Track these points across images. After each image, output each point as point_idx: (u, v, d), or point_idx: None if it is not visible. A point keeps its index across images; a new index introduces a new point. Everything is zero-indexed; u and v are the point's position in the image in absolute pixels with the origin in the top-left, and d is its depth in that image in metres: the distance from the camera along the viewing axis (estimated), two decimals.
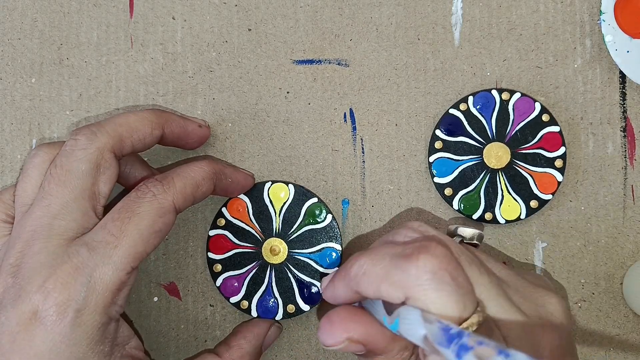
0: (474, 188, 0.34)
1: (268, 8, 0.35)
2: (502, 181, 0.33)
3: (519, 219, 0.33)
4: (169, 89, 0.34)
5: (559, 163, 0.33)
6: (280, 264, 0.33)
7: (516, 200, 0.33)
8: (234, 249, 0.33)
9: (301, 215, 0.33)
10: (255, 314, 0.33)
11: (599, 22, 0.34)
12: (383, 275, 0.24)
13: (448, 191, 0.34)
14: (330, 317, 0.26)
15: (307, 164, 0.34)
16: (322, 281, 0.30)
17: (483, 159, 0.34)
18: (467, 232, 0.30)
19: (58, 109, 0.34)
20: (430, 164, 0.34)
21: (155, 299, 0.34)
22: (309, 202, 0.33)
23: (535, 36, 0.34)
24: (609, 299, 0.34)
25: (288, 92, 0.35)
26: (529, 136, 0.33)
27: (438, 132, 0.34)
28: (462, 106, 0.34)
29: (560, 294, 0.34)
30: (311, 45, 0.35)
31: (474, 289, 0.24)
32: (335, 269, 0.31)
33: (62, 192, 0.26)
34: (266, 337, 0.32)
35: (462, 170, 0.34)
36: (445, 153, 0.34)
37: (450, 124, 0.34)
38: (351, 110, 0.35)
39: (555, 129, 0.33)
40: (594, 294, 0.34)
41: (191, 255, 0.34)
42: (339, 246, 0.33)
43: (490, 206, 0.33)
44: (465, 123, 0.34)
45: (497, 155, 0.34)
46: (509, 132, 0.34)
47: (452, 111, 0.34)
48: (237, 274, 0.33)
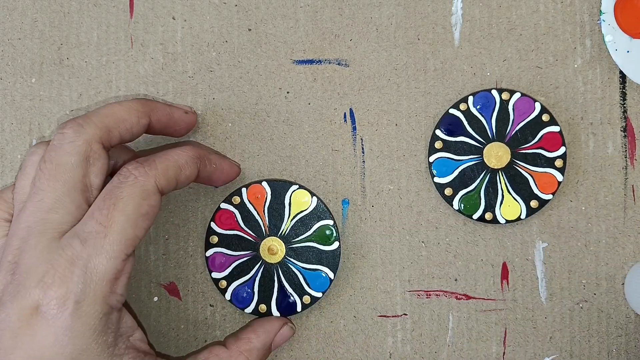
0: (474, 188, 0.33)
1: (268, 8, 0.35)
2: (502, 181, 0.33)
3: (519, 219, 0.33)
4: (169, 89, 0.34)
5: (559, 163, 0.33)
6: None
7: (516, 200, 0.33)
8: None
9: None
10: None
11: (599, 22, 0.34)
12: None
13: (448, 191, 0.33)
14: None
15: (307, 164, 0.34)
16: None
17: (483, 158, 0.34)
18: None
19: (58, 109, 0.34)
20: (430, 164, 0.34)
21: (155, 299, 0.34)
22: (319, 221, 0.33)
23: (535, 36, 0.34)
24: (610, 300, 0.34)
25: (288, 92, 0.35)
26: (529, 136, 0.33)
27: (438, 132, 0.34)
28: (462, 106, 0.34)
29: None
30: (311, 45, 0.35)
31: None
32: None
33: (53, 186, 0.26)
34: (277, 335, 0.32)
35: (462, 170, 0.34)
36: (445, 153, 0.34)
37: (450, 124, 0.34)
38: (351, 110, 0.35)
39: (556, 129, 0.33)
40: (595, 294, 0.34)
41: (191, 255, 0.34)
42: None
43: (490, 206, 0.33)
44: (465, 123, 0.34)
45: (497, 155, 0.33)
46: (509, 132, 0.34)
47: (452, 111, 0.34)
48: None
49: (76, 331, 0.25)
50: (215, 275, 0.33)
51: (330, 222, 0.33)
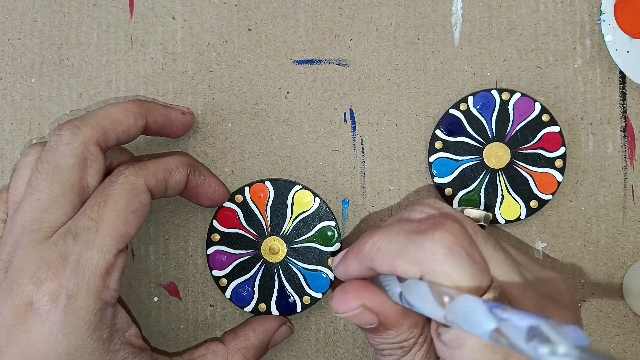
0: (474, 188, 0.34)
1: (268, 8, 0.35)
2: (502, 181, 0.33)
3: (519, 219, 0.33)
4: (169, 89, 0.34)
5: (559, 163, 0.33)
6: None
7: (516, 201, 0.33)
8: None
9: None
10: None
11: (599, 22, 0.34)
12: (398, 251, 0.24)
13: (448, 191, 0.34)
14: (344, 286, 0.26)
15: (307, 164, 0.34)
16: (334, 259, 0.30)
17: (483, 159, 0.34)
18: (473, 214, 0.31)
19: (58, 109, 0.34)
20: (430, 164, 0.34)
21: (155, 299, 0.34)
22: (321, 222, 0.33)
23: (535, 36, 0.34)
24: (609, 299, 0.34)
25: (288, 92, 0.35)
26: (529, 136, 0.33)
27: (438, 132, 0.34)
28: (462, 106, 0.34)
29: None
30: (311, 45, 0.35)
31: (488, 267, 0.24)
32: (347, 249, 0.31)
33: (50, 187, 0.27)
34: (275, 334, 0.32)
35: (462, 170, 0.34)
36: (445, 153, 0.34)
37: (450, 124, 0.34)
38: (351, 110, 0.35)
39: (555, 129, 0.33)
40: (594, 294, 0.34)
41: (191, 255, 0.34)
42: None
43: (490, 206, 0.33)
44: (465, 123, 0.34)
45: (497, 155, 0.34)
46: (509, 132, 0.34)
47: (452, 111, 0.34)
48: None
49: (70, 327, 0.25)
50: (216, 273, 0.33)
51: (332, 223, 0.33)
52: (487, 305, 0.20)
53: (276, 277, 0.33)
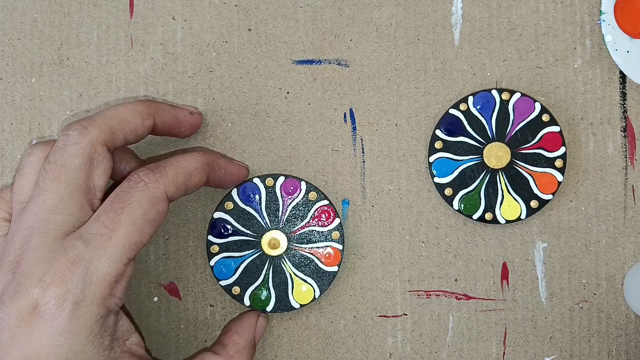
0: (474, 188, 0.33)
1: (268, 8, 0.35)
2: (502, 181, 0.33)
3: (519, 219, 0.33)
4: (169, 89, 0.34)
5: (559, 163, 0.33)
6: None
7: (516, 200, 0.33)
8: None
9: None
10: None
11: (599, 22, 0.34)
12: None
13: (448, 191, 0.33)
14: None
15: (307, 164, 0.34)
16: None
17: (483, 159, 0.34)
18: None
19: (58, 109, 0.34)
20: (430, 164, 0.34)
21: (155, 299, 0.34)
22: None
23: (535, 36, 0.34)
24: (610, 300, 0.34)
25: (288, 92, 0.35)
26: (529, 136, 0.33)
27: (438, 132, 0.34)
28: (462, 106, 0.34)
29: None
30: (311, 45, 0.35)
31: None
32: None
33: (57, 187, 0.27)
34: (256, 328, 0.32)
35: (462, 170, 0.34)
36: (445, 153, 0.34)
37: (450, 124, 0.34)
38: (351, 110, 0.35)
39: (556, 129, 0.33)
40: (595, 294, 0.34)
41: (191, 255, 0.34)
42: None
43: (490, 206, 0.33)
44: (466, 123, 0.34)
45: (497, 155, 0.33)
46: (509, 132, 0.34)
47: (452, 111, 0.34)
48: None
49: (73, 332, 0.25)
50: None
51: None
52: None
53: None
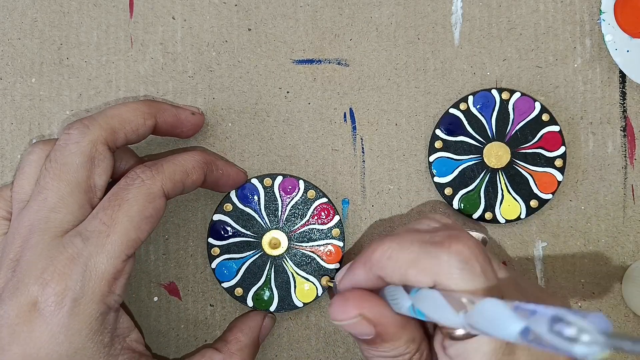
0: (474, 188, 0.34)
1: (268, 8, 0.35)
2: (502, 181, 0.33)
3: (519, 218, 0.33)
4: (169, 89, 0.34)
5: (559, 163, 0.33)
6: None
7: (516, 200, 0.33)
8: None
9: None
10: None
11: (599, 21, 0.34)
12: (411, 260, 0.24)
13: (448, 191, 0.34)
14: (344, 294, 0.26)
15: (307, 163, 0.34)
16: (338, 272, 0.30)
17: (483, 158, 0.34)
18: (472, 236, 0.31)
19: (58, 108, 0.34)
20: (430, 163, 0.34)
21: (155, 299, 0.34)
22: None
23: (535, 36, 0.34)
24: (609, 299, 0.34)
25: (288, 92, 0.35)
26: (529, 136, 0.33)
27: (438, 132, 0.34)
28: (462, 106, 0.34)
29: (559, 297, 0.34)
30: (311, 45, 0.35)
31: (499, 283, 0.24)
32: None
33: (57, 186, 0.27)
34: (262, 328, 0.32)
35: (462, 169, 0.34)
36: (445, 153, 0.34)
37: (450, 124, 0.34)
38: (351, 110, 0.35)
39: (555, 128, 0.33)
40: (594, 293, 0.34)
41: (191, 255, 0.34)
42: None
43: (490, 206, 0.33)
44: (465, 123, 0.34)
45: (497, 154, 0.34)
46: (509, 132, 0.34)
47: (452, 111, 0.34)
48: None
49: (73, 329, 0.25)
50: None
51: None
52: (511, 306, 0.20)
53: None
